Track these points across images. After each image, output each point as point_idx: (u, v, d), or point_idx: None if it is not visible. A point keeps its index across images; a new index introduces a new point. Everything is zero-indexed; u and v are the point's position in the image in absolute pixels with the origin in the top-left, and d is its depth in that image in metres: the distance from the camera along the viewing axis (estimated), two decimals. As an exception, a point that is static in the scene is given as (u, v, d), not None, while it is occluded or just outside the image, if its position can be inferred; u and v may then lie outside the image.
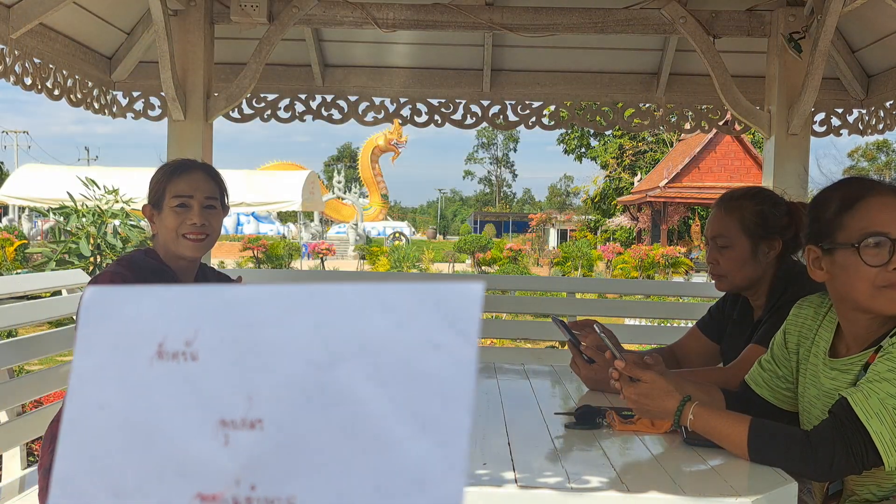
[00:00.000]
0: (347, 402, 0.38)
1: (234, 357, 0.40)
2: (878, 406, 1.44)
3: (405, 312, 0.39)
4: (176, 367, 0.40)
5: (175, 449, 0.39)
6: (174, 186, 2.07)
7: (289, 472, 0.38)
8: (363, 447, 0.38)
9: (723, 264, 2.18)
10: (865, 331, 1.60)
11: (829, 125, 4.00)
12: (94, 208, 9.38)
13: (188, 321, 0.41)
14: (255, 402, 0.39)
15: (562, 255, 23.62)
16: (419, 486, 0.37)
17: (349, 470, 0.38)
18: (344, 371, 0.39)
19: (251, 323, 0.40)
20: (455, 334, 0.38)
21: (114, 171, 19.71)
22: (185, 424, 0.40)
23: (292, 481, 0.38)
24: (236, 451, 0.39)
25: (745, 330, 2.22)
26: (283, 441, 0.39)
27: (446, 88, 4.20)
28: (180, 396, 0.40)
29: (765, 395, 1.80)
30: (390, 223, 42.07)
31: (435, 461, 0.37)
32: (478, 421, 1.84)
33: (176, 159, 2.18)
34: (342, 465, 0.38)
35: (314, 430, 0.38)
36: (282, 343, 0.40)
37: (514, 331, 4.80)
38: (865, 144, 43.98)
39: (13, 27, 2.92)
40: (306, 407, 0.39)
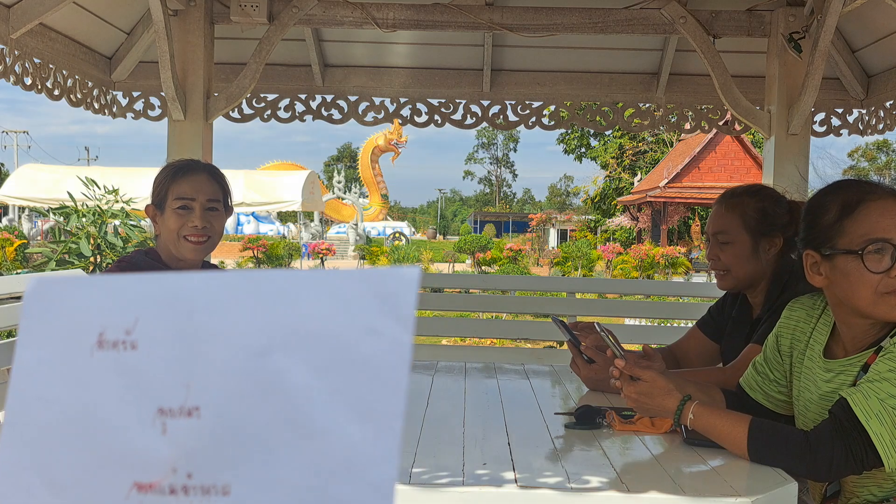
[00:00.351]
0: (284, 389, 0.38)
1: (172, 345, 0.40)
2: (878, 406, 1.44)
3: (343, 299, 0.39)
4: (115, 357, 0.40)
5: (114, 438, 0.39)
6: (177, 188, 2.06)
7: (225, 460, 0.38)
8: (299, 434, 0.38)
9: (724, 260, 2.18)
10: (864, 334, 1.60)
11: (829, 125, 4.00)
12: (95, 208, 9.38)
13: (128, 310, 0.40)
14: (192, 390, 0.39)
15: (562, 255, 23.62)
16: (354, 471, 0.37)
17: (285, 457, 0.38)
18: (282, 358, 0.38)
19: (190, 311, 0.40)
20: (391, 320, 0.38)
21: (114, 171, 19.71)
22: (123, 414, 0.39)
23: (228, 469, 0.38)
24: (174, 440, 0.39)
25: (743, 328, 2.22)
26: (221, 429, 0.38)
27: (446, 88, 4.20)
28: (119, 386, 0.39)
29: (759, 399, 1.80)
30: (390, 223, 42.07)
31: (370, 447, 0.37)
32: (478, 421, 1.85)
33: (179, 160, 2.18)
34: (278, 452, 0.38)
35: (251, 417, 0.38)
36: (220, 330, 0.39)
37: (514, 331, 4.80)
38: (865, 144, 43.98)
39: (13, 27, 2.92)
40: (244, 394, 0.38)
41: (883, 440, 1.43)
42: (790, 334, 1.76)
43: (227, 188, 2.17)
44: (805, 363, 1.71)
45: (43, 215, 19.19)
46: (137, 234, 9.59)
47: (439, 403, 2.06)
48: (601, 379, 2.11)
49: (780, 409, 1.78)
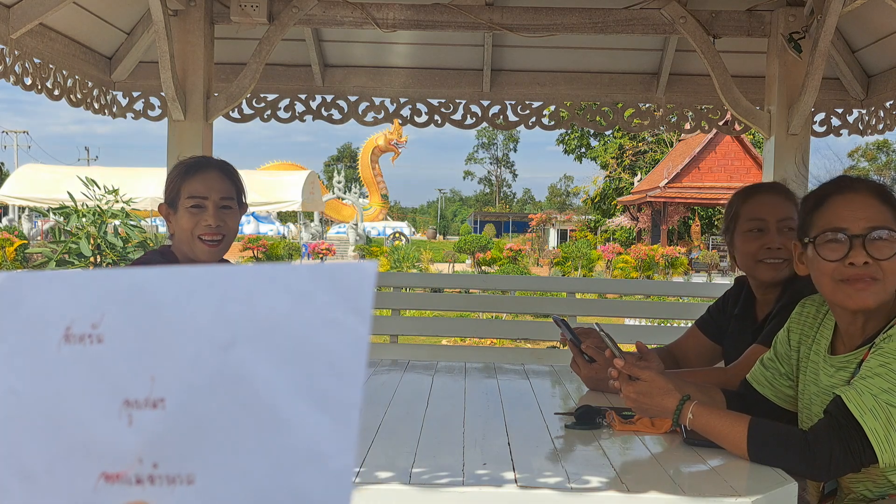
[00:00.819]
0: (247, 380, 0.39)
1: (138, 338, 0.41)
2: (872, 402, 1.46)
3: (302, 292, 0.40)
4: (82, 350, 0.41)
5: (81, 430, 0.40)
6: (189, 186, 2.02)
7: (189, 451, 0.39)
8: (261, 425, 0.39)
9: (789, 247, 2.12)
10: (854, 328, 1.62)
11: (829, 125, 4.00)
12: (95, 208, 9.38)
13: (95, 305, 0.41)
14: (157, 383, 0.40)
15: (562, 255, 23.62)
16: (314, 461, 0.39)
17: (247, 447, 0.39)
18: (244, 351, 0.40)
19: (155, 305, 0.41)
20: (350, 312, 0.39)
21: (114, 172, 19.71)
22: (90, 406, 0.40)
23: (193, 459, 0.39)
24: (140, 431, 0.40)
25: (747, 327, 2.21)
26: (185, 420, 0.40)
27: (446, 88, 4.20)
28: (86, 379, 0.41)
29: (767, 394, 1.81)
30: (390, 223, 42.07)
31: (329, 437, 0.39)
32: (478, 421, 1.85)
33: (191, 157, 2.13)
34: (241, 442, 0.39)
35: (215, 408, 0.39)
36: (184, 324, 0.40)
37: (514, 331, 4.80)
38: (865, 144, 43.97)
39: (13, 27, 2.92)
40: (207, 386, 0.40)
41: (877, 435, 1.44)
42: (799, 329, 1.78)
43: (241, 184, 2.13)
44: (811, 358, 1.72)
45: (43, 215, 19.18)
46: (137, 234, 9.58)
47: (439, 403, 2.06)
48: (601, 378, 2.11)
49: (787, 404, 1.79)
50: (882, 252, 1.51)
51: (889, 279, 1.53)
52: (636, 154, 38.24)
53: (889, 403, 1.45)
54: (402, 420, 1.86)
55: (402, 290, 4.56)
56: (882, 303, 1.55)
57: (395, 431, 1.75)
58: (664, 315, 5.21)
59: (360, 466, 1.45)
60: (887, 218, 1.54)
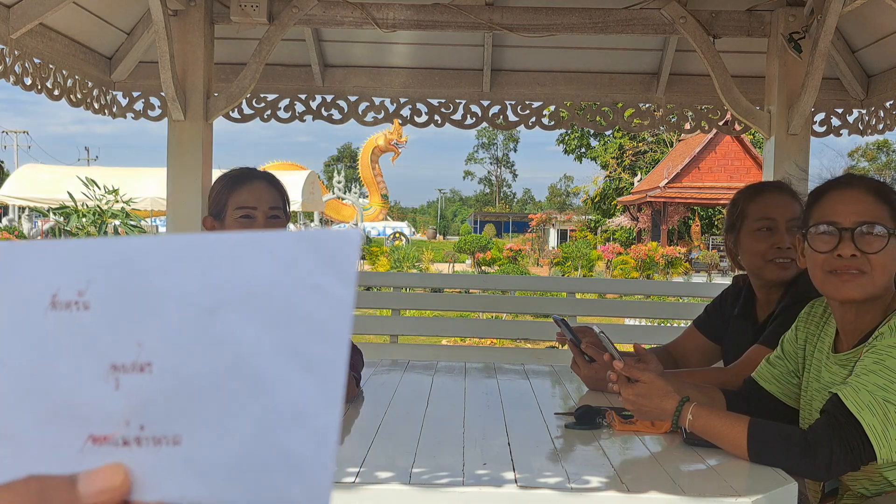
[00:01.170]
0: (233, 344, 0.41)
1: (124, 304, 0.42)
2: (869, 398, 1.47)
3: (287, 257, 0.41)
4: (69, 317, 0.42)
5: (68, 394, 0.42)
6: (237, 197, 2.03)
7: (176, 413, 0.41)
8: (246, 387, 0.41)
9: (797, 247, 2.13)
10: (846, 322, 1.65)
11: (829, 125, 4.00)
12: (95, 208, 9.39)
13: (81, 272, 0.42)
14: (144, 347, 0.41)
15: (562, 255, 23.62)
16: (299, 420, 0.40)
17: (233, 409, 0.41)
18: (230, 315, 0.41)
19: (141, 271, 0.42)
20: (333, 277, 0.41)
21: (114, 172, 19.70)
22: (77, 371, 0.42)
23: (179, 421, 0.41)
24: (126, 394, 0.41)
25: (748, 327, 2.21)
26: (171, 383, 0.41)
27: (446, 88, 4.20)
28: (73, 344, 0.42)
29: (773, 391, 1.82)
30: (390, 223, 42.04)
31: (314, 397, 0.40)
32: (478, 421, 1.85)
33: (235, 169, 2.15)
34: (226, 404, 0.41)
35: (201, 371, 0.41)
36: (170, 290, 0.41)
37: (514, 331, 4.79)
38: (865, 144, 43.98)
39: (13, 27, 2.92)
40: (193, 350, 0.41)
41: (875, 430, 1.45)
42: (805, 328, 1.80)
43: (286, 194, 2.15)
44: (815, 356, 1.74)
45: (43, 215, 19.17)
46: (137, 234, 9.58)
47: (439, 403, 2.06)
48: (601, 378, 2.11)
49: (793, 402, 1.81)
50: (870, 246, 1.55)
51: (877, 273, 1.56)
52: (636, 154, 38.23)
53: (886, 400, 1.46)
54: (402, 420, 1.86)
55: (402, 290, 4.56)
56: (869, 296, 1.58)
57: (395, 431, 1.75)
58: (664, 315, 5.21)
59: (360, 466, 1.45)
60: (880, 214, 1.58)
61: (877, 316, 1.61)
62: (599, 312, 4.75)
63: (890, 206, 1.59)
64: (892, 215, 1.59)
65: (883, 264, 1.57)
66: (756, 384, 1.85)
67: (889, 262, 1.58)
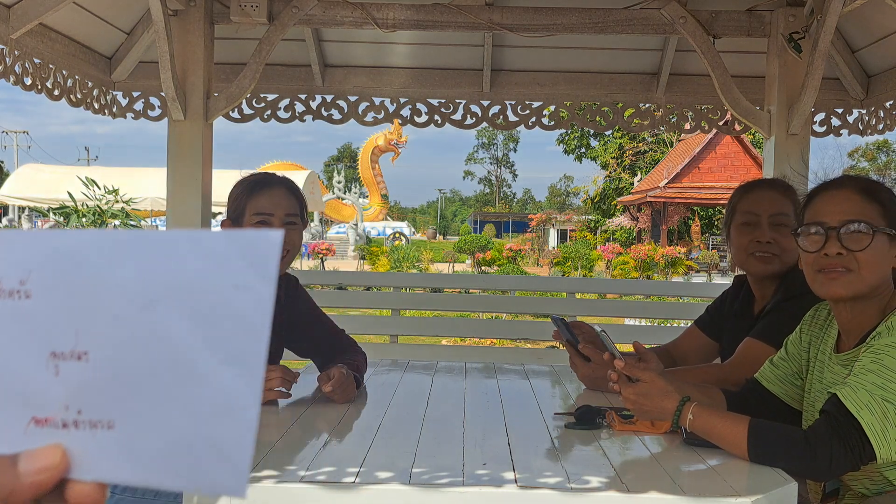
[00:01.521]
0: (165, 337, 0.44)
1: (63, 295, 0.45)
2: (867, 398, 1.47)
3: (218, 256, 0.44)
4: (11, 305, 0.45)
5: (12, 379, 0.44)
6: (255, 203, 2.07)
7: (110, 399, 0.44)
8: (177, 378, 0.43)
9: (780, 242, 2.15)
10: (848, 323, 1.66)
11: (829, 125, 4.00)
12: (95, 208, 9.38)
13: (23, 263, 0.45)
14: (81, 337, 0.44)
15: (562, 255, 23.62)
16: (226, 411, 0.43)
17: (165, 398, 0.44)
18: (162, 310, 0.44)
19: (80, 264, 0.45)
20: (256, 276, 0.44)
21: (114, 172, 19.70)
22: (19, 356, 0.44)
23: (114, 407, 0.44)
24: (65, 380, 0.44)
25: (745, 324, 2.21)
26: (107, 371, 0.44)
27: (446, 88, 4.20)
28: (15, 331, 0.44)
29: (776, 392, 1.82)
30: (390, 223, 42.04)
31: (239, 389, 0.43)
32: (478, 421, 1.85)
33: (254, 174, 2.17)
34: (159, 393, 0.44)
35: (135, 362, 0.44)
36: (107, 284, 0.44)
37: (514, 331, 4.80)
38: (865, 144, 43.98)
39: (13, 27, 2.92)
40: (128, 341, 0.44)
41: (874, 430, 1.45)
42: (810, 331, 1.81)
43: (304, 201, 2.18)
44: (819, 358, 1.75)
45: (43, 215, 19.17)
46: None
47: (439, 403, 2.06)
48: (599, 377, 2.12)
49: (795, 403, 1.81)
50: (856, 243, 1.58)
51: (864, 270, 1.59)
52: (636, 154, 38.23)
53: (884, 399, 1.46)
54: (402, 420, 1.86)
55: (402, 290, 4.56)
56: (857, 293, 1.60)
57: (395, 431, 1.75)
58: (664, 315, 5.21)
59: (360, 466, 1.45)
60: (867, 213, 1.60)
61: (875, 315, 1.62)
62: (599, 312, 4.75)
63: (880, 205, 1.61)
64: (883, 213, 1.61)
65: (870, 262, 1.59)
66: (759, 384, 1.85)
67: (877, 259, 1.59)
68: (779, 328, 2.04)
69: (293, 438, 1.68)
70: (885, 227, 1.60)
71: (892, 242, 1.61)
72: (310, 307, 2.31)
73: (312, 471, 1.42)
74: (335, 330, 2.35)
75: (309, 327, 2.29)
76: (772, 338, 2.03)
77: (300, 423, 1.81)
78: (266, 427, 1.75)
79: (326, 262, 22.68)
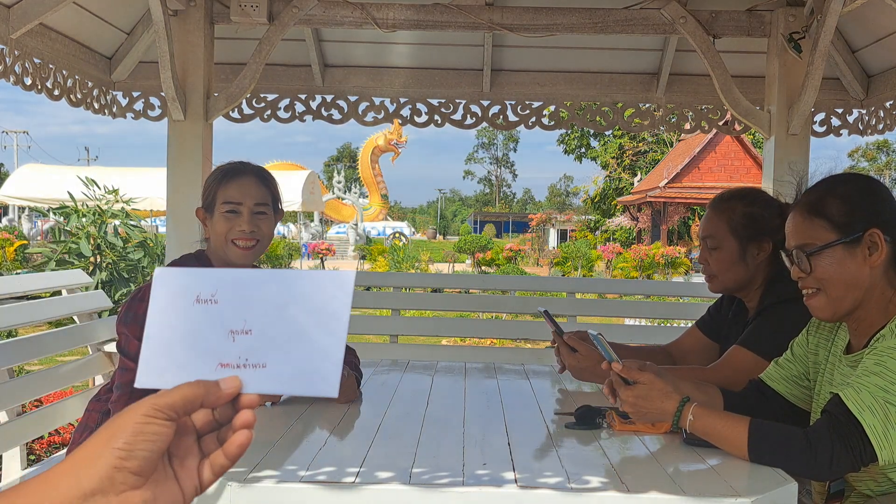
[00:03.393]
0: (293, 322, 0.79)
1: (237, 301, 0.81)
2: (870, 399, 1.47)
3: (319, 284, 0.80)
4: (207, 307, 0.81)
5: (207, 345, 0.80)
6: (225, 191, 2.06)
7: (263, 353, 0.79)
8: (300, 341, 0.78)
9: (712, 265, 2.20)
10: (854, 326, 1.66)
11: (829, 125, 4.00)
12: (95, 208, 9.38)
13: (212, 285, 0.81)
14: (248, 322, 0.80)
15: (562, 255, 23.62)
16: (324, 356, 0.78)
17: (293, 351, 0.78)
18: (292, 310, 0.79)
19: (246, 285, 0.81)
20: (342, 293, 0.79)
21: (114, 171, 19.69)
22: (212, 333, 0.80)
23: (265, 356, 0.78)
24: (239, 344, 0.79)
25: (739, 331, 2.22)
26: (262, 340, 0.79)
27: (446, 88, 4.20)
28: (209, 320, 0.80)
29: (779, 390, 1.82)
30: (390, 223, 42.06)
31: (332, 345, 0.78)
32: (478, 421, 1.85)
33: (229, 162, 2.16)
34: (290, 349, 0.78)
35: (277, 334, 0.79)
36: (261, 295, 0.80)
37: (514, 331, 4.80)
38: (865, 144, 43.97)
39: (13, 27, 2.92)
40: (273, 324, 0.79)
41: (876, 432, 1.45)
42: (816, 333, 1.81)
43: (277, 191, 2.16)
44: (829, 360, 1.75)
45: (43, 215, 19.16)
46: (137, 234, 9.58)
47: (439, 403, 2.06)
48: (585, 367, 2.13)
49: (799, 402, 1.81)
50: (807, 266, 1.62)
51: (828, 287, 1.61)
52: (636, 154, 38.24)
53: (886, 401, 1.46)
54: (402, 420, 1.86)
55: (402, 290, 4.56)
56: (835, 312, 1.63)
57: (395, 431, 1.75)
58: (664, 315, 5.20)
59: (360, 466, 1.45)
60: (807, 234, 1.63)
61: (878, 315, 1.61)
62: (599, 312, 4.75)
63: (825, 219, 1.61)
64: (830, 226, 1.61)
65: (827, 277, 1.60)
66: (763, 384, 1.85)
67: (835, 273, 1.60)
68: (761, 335, 2.05)
69: (293, 438, 1.68)
70: (830, 241, 1.60)
71: (853, 248, 1.59)
72: None
73: (312, 471, 1.42)
74: None
75: None
76: (755, 345, 2.04)
77: (300, 423, 1.81)
78: (266, 427, 1.75)
79: (326, 262, 22.67)
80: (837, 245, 1.59)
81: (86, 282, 3.01)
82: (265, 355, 0.78)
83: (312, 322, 0.78)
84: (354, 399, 2.06)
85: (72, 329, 2.73)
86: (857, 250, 1.59)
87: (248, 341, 0.79)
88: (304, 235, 29.30)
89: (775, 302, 2.08)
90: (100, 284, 8.83)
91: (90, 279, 3.10)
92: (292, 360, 0.77)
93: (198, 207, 2.14)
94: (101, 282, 9.01)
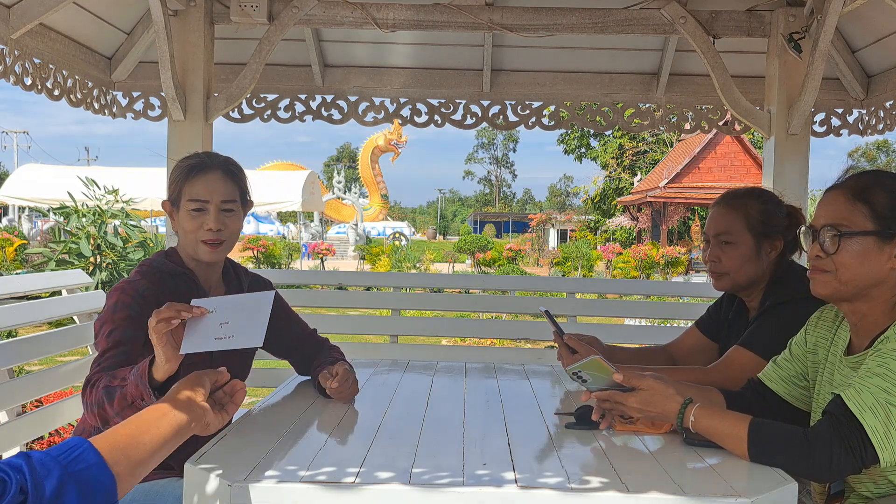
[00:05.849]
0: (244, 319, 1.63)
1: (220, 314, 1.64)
2: (872, 400, 1.46)
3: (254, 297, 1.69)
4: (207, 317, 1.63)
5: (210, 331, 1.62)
6: (190, 188, 2.00)
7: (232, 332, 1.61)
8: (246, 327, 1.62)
9: (725, 262, 2.18)
10: (857, 324, 1.66)
11: (829, 125, 4.00)
12: (95, 208, 9.38)
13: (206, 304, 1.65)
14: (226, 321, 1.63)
15: (562, 255, 23.62)
16: (261, 321, 1.62)
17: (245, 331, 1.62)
18: (243, 314, 1.63)
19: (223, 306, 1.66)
20: (264, 296, 1.67)
21: (114, 171, 19.70)
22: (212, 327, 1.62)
23: (232, 333, 1.62)
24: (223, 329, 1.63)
25: (740, 331, 2.22)
26: (231, 327, 1.61)
27: (446, 88, 4.20)
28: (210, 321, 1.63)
29: (778, 391, 1.82)
30: (390, 223, 42.05)
31: (262, 319, 1.62)
32: (478, 421, 1.85)
33: (195, 154, 2.09)
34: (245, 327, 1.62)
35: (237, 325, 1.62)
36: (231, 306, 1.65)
37: (514, 331, 4.79)
38: (865, 144, 43.98)
39: (13, 27, 2.92)
40: (236, 321, 1.63)
41: (877, 433, 1.45)
42: (815, 332, 1.81)
43: (244, 183, 2.10)
44: (829, 360, 1.75)
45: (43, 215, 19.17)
46: (137, 234, 9.58)
47: (439, 404, 2.06)
48: None
49: (797, 402, 1.82)
50: (830, 247, 1.62)
51: (841, 272, 1.61)
52: (636, 154, 38.24)
53: (888, 402, 1.45)
54: (402, 420, 1.86)
55: (402, 290, 4.56)
56: (834, 292, 1.64)
57: (395, 431, 1.75)
58: (664, 315, 5.20)
59: (360, 466, 1.45)
60: (846, 215, 1.61)
61: (882, 316, 1.61)
62: (599, 312, 4.75)
63: (868, 206, 1.60)
64: (871, 214, 1.59)
65: (846, 264, 1.60)
66: (761, 384, 1.85)
67: (856, 261, 1.59)
68: (762, 336, 2.05)
69: (293, 438, 1.68)
70: (866, 230, 1.58)
71: (884, 242, 1.58)
72: (282, 306, 2.29)
73: (312, 471, 1.42)
74: (309, 329, 2.36)
75: (285, 327, 2.28)
76: (755, 345, 2.04)
77: (300, 423, 1.81)
78: (266, 427, 1.75)
79: (326, 263, 22.67)
80: (872, 236, 1.59)
81: (86, 282, 3.00)
82: (232, 332, 1.59)
83: (250, 317, 1.61)
84: (356, 393, 2.08)
85: (72, 329, 2.73)
86: (887, 247, 1.59)
87: (226, 328, 1.60)
88: (304, 235, 29.30)
89: (777, 303, 2.08)
90: (100, 284, 8.83)
91: (90, 279, 3.09)
92: (243, 335, 1.59)
93: (164, 200, 2.09)
94: (101, 282, 9.02)
